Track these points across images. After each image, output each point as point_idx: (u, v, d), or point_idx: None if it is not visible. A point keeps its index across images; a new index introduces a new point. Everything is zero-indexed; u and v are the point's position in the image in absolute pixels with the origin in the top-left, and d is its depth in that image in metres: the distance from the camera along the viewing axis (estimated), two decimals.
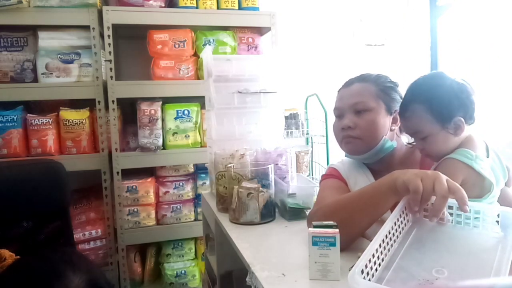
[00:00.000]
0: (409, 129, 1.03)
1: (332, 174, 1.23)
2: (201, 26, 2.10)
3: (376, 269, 0.67)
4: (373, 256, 0.67)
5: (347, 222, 0.87)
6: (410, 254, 0.73)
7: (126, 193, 2.03)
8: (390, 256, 0.73)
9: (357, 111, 1.13)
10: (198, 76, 2.09)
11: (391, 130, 1.15)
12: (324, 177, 1.25)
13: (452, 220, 0.79)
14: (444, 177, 0.76)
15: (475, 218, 0.77)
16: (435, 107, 0.95)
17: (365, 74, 1.19)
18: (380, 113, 1.12)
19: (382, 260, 0.70)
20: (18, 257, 1.07)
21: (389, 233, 0.74)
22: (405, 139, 1.24)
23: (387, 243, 0.73)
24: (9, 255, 1.03)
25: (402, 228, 0.79)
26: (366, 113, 1.12)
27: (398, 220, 0.78)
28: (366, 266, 0.64)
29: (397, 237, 0.77)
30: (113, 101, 1.96)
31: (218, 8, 2.12)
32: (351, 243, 0.92)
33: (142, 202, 2.06)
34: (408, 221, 0.81)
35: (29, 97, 1.92)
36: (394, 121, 1.15)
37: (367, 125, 1.11)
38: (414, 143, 1.22)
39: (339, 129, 1.17)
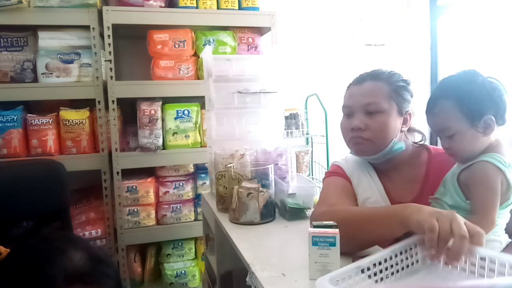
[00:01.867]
0: (437, 126, 0.98)
1: (336, 172, 1.21)
2: (201, 26, 2.10)
3: None
4: (362, 271, 0.68)
5: (351, 237, 0.85)
6: None
7: (126, 193, 2.03)
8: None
9: (368, 112, 1.09)
10: (198, 76, 2.08)
11: (401, 131, 1.12)
12: (328, 174, 1.23)
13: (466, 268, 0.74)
14: (461, 218, 0.71)
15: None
16: (465, 104, 0.91)
17: (378, 71, 1.15)
18: (392, 115, 1.09)
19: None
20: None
21: (385, 261, 0.73)
22: (414, 138, 1.22)
23: (380, 271, 0.72)
24: (4, 250, 1.05)
25: (407, 265, 0.76)
26: (378, 115, 1.08)
27: (402, 254, 0.75)
28: (343, 280, 0.65)
29: (397, 271, 0.75)
30: (113, 101, 1.96)
31: (218, 8, 2.12)
32: (349, 254, 0.91)
33: (142, 202, 2.06)
34: (417, 260, 0.78)
35: (29, 97, 1.92)
36: (404, 122, 1.12)
37: (378, 127, 1.07)
38: (422, 142, 1.20)
39: (348, 129, 1.12)
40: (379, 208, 0.93)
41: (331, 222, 0.82)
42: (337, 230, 0.79)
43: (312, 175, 2.51)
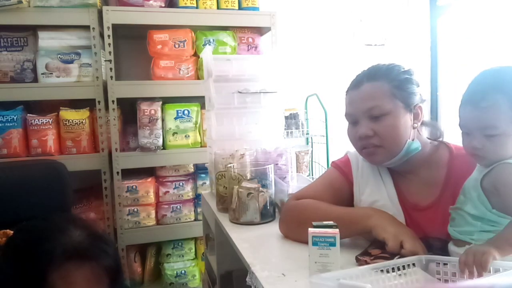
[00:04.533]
0: (480, 121, 0.80)
1: (340, 167, 1.15)
2: (201, 26, 2.10)
3: None
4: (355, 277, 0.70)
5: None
6: None
7: (126, 193, 2.03)
8: None
9: (373, 117, 1.00)
10: (198, 76, 2.08)
11: (413, 127, 1.02)
12: (334, 164, 1.18)
13: None
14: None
15: None
16: None
17: (374, 69, 1.07)
18: (399, 114, 0.99)
19: None
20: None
21: (387, 271, 0.74)
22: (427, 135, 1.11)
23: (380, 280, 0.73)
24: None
25: (406, 282, 0.76)
26: (383, 118, 0.99)
27: (405, 268, 0.76)
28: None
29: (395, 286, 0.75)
30: (113, 101, 1.96)
31: (218, 8, 2.12)
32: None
33: (142, 202, 2.06)
34: (417, 280, 0.77)
35: (29, 97, 1.92)
36: (415, 117, 1.03)
37: (387, 131, 0.99)
38: (440, 140, 1.09)
39: (356, 138, 1.04)
40: (345, 212, 0.99)
41: (331, 222, 0.83)
42: (337, 230, 0.79)
43: (312, 175, 2.51)
